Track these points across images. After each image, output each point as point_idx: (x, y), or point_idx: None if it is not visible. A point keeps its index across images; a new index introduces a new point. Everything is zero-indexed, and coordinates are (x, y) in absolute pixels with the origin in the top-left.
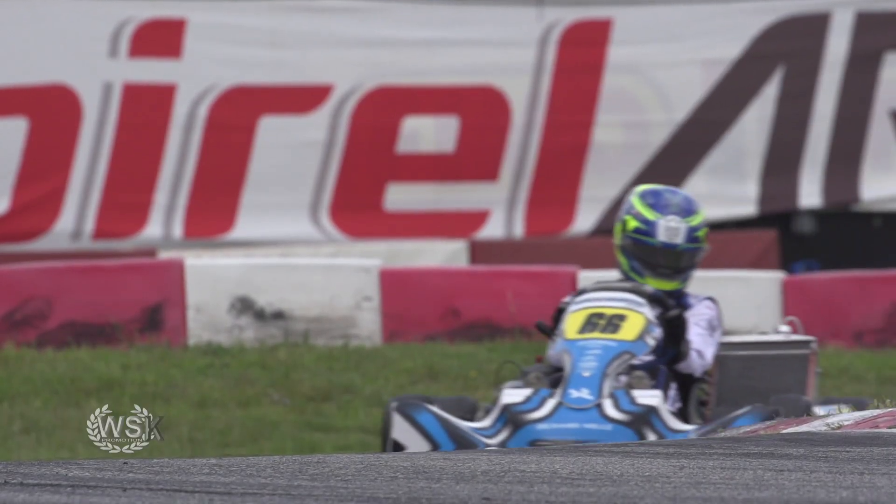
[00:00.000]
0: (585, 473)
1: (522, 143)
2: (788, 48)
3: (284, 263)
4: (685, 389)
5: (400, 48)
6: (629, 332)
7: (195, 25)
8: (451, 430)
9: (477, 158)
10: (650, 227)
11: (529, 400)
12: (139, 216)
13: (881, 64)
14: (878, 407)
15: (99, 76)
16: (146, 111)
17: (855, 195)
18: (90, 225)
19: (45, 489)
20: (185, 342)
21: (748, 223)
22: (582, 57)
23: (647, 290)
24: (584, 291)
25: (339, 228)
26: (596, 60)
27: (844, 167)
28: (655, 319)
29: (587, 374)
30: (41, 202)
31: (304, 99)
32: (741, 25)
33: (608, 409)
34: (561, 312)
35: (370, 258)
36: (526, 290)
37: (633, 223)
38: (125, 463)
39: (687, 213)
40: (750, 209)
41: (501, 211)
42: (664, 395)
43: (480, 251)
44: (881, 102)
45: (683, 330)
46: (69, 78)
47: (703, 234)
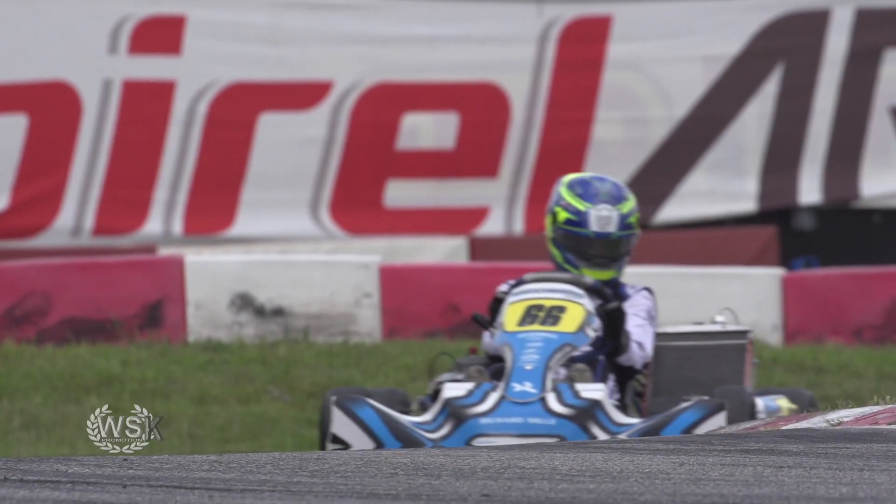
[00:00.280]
0: (585, 470)
1: (522, 139)
2: (788, 45)
3: (284, 260)
4: (621, 381)
5: (400, 45)
6: (569, 324)
7: (195, 22)
8: (392, 425)
9: (477, 155)
10: (581, 217)
11: (472, 394)
12: (139, 213)
13: (881, 60)
14: (877, 403)
15: (99, 73)
16: (146, 108)
17: (855, 192)
18: (90, 221)
19: (44, 486)
20: (184, 339)
21: (748, 220)
22: (582, 53)
23: (586, 281)
24: (522, 282)
25: (338, 225)
26: (596, 57)
27: (844, 164)
28: (595, 311)
29: (529, 367)
30: (41, 199)
31: (303, 96)
32: (741, 22)
33: (552, 403)
34: (498, 303)
35: (370, 255)
36: None
37: (563, 214)
38: (125, 459)
39: (617, 200)
40: (750, 206)
41: (501, 207)
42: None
43: (480, 248)
44: (881, 99)
45: (623, 321)
46: (69, 74)
47: (634, 219)
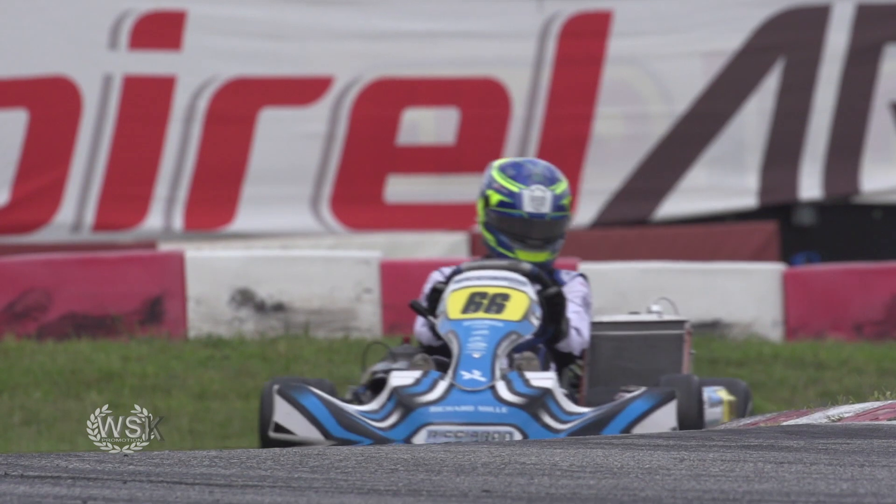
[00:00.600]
0: (586, 466)
1: (523, 135)
2: (789, 40)
3: (285, 255)
4: (558, 370)
5: (400, 40)
6: (514, 312)
7: (195, 17)
8: (337, 413)
9: (477, 150)
10: (515, 198)
11: (420, 382)
12: (139, 208)
13: (881, 56)
14: (878, 399)
15: (99, 68)
16: (146, 103)
17: (855, 187)
18: (90, 217)
19: (45, 481)
20: (185, 334)
21: (748, 215)
22: (582, 49)
23: (524, 266)
24: (460, 271)
25: (339, 220)
26: (596, 52)
27: (844, 159)
28: (537, 298)
29: (477, 355)
30: (41, 194)
31: (304, 91)
32: (741, 17)
33: (502, 391)
34: (437, 293)
35: (370, 250)
36: None
37: (496, 197)
38: (125, 455)
39: (551, 181)
40: (750, 201)
41: None
42: None
43: (481, 243)
44: (881, 95)
45: (563, 307)
46: (69, 70)
47: (567, 202)
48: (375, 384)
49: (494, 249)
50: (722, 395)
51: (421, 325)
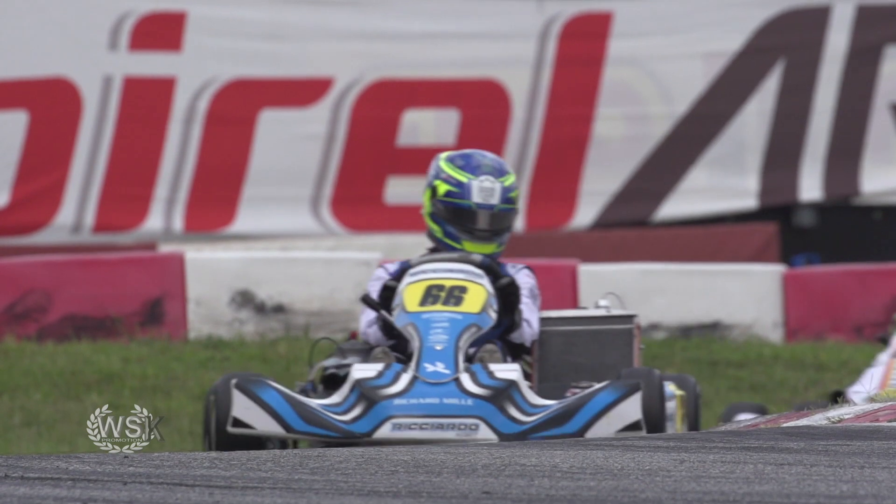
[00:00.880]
0: (586, 467)
1: (523, 136)
2: (789, 41)
3: (285, 257)
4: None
5: (400, 41)
6: (473, 304)
7: (195, 18)
8: (298, 407)
9: None
10: (463, 189)
11: (382, 375)
12: (139, 209)
13: (881, 57)
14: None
15: (99, 69)
16: (146, 104)
17: (855, 188)
18: (90, 218)
19: (45, 483)
20: (185, 335)
21: (748, 216)
22: (582, 50)
23: (475, 258)
24: (410, 265)
25: (339, 222)
26: (596, 53)
27: (845, 160)
28: (493, 291)
29: (439, 347)
30: (41, 195)
31: (304, 92)
32: (742, 18)
33: (467, 383)
34: (388, 290)
35: (371, 251)
36: None
37: (444, 187)
38: (125, 457)
39: (500, 173)
40: (750, 202)
41: None
42: None
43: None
44: (881, 96)
45: (517, 298)
46: (69, 71)
47: (515, 195)
48: (328, 380)
49: (441, 240)
50: (673, 388)
51: (367, 325)
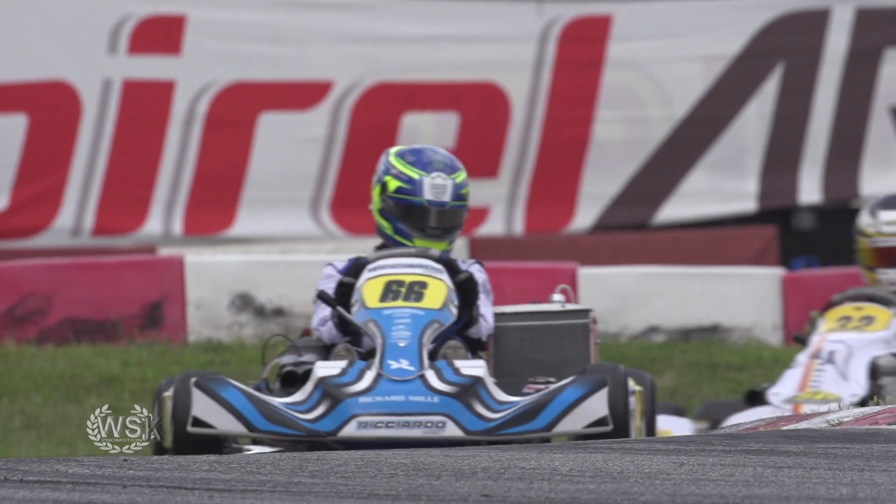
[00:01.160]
0: (585, 470)
1: (522, 139)
2: (788, 44)
3: (284, 260)
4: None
5: (400, 44)
6: (434, 300)
7: (195, 21)
8: (260, 406)
9: (477, 155)
10: (414, 185)
11: (346, 372)
12: (139, 212)
13: (881, 60)
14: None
15: (98, 72)
16: (146, 107)
17: (855, 191)
18: (90, 221)
19: (45, 486)
20: (185, 339)
21: (748, 219)
22: (582, 53)
23: (433, 253)
24: (363, 262)
25: (339, 225)
26: (596, 56)
27: (844, 163)
28: (452, 286)
29: (403, 343)
30: (41, 199)
31: (303, 95)
32: (741, 21)
33: (433, 380)
34: (343, 286)
35: None
36: (525, 286)
37: (394, 183)
38: (125, 460)
39: (451, 170)
40: (750, 205)
41: (501, 207)
42: None
43: (480, 248)
44: (881, 98)
45: (476, 294)
46: (69, 74)
47: (466, 192)
48: (286, 378)
49: (391, 237)
50: (632, 384)
51: (320, 322)
